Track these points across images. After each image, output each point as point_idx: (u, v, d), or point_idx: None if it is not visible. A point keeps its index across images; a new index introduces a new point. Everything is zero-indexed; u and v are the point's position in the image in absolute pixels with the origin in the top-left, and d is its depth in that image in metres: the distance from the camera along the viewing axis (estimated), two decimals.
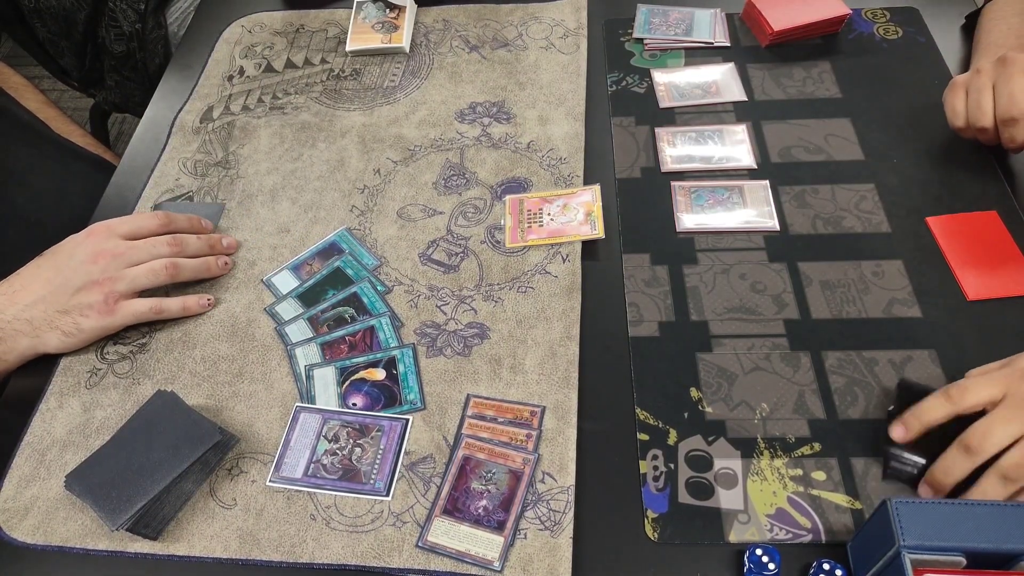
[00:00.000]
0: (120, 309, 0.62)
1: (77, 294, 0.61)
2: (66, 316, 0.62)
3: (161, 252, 0.65)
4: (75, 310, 0.62)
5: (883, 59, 0.81)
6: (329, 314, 0.65)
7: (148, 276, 0.63)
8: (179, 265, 0.65)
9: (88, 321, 0.62)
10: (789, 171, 0.72)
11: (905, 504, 0.44)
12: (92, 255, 0.63)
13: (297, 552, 0.53)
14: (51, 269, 0.63)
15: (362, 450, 0.57)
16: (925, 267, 0.64)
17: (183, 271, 0.65)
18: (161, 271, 0.64)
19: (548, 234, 0.68)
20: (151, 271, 0.64)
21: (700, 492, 0.54)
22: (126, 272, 0.63)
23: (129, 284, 0.63)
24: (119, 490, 0.52)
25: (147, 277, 0.63)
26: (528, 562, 0.51)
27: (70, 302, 0.61)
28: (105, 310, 0.62)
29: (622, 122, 0.78)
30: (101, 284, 0.62)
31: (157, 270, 0.64)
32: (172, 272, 0.64)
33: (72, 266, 0.62)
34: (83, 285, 0.62)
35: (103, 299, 0.62)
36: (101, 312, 0.62)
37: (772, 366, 0.60)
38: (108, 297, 0.62)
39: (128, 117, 2.03)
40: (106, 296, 0.62)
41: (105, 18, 1.22)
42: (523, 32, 0.88)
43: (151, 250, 0.65)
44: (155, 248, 0.65)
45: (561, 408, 0.58)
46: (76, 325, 0.62)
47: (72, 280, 0.62)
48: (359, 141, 0.79)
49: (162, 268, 0.64)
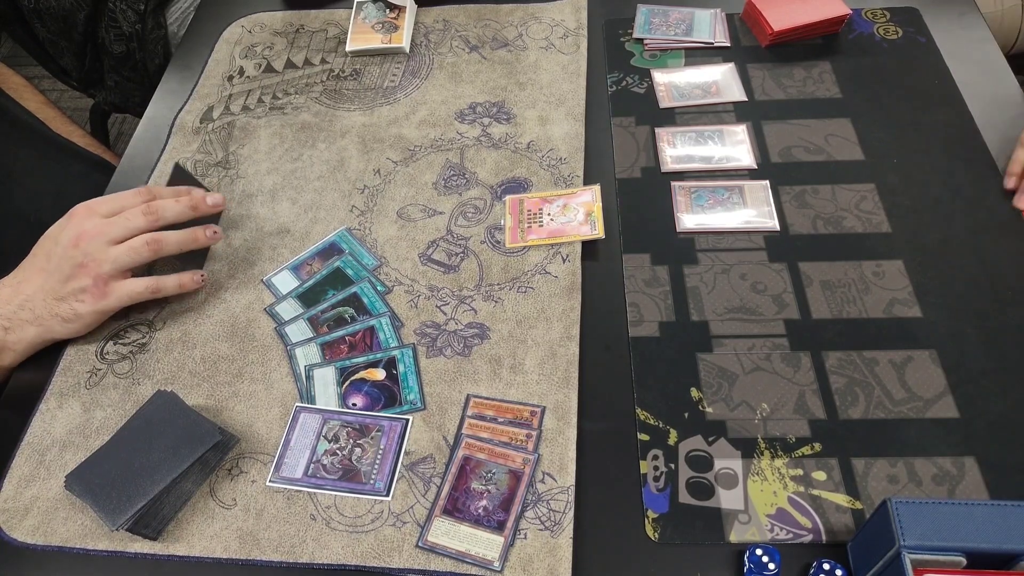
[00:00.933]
0: (114, 290, 0.62)
1: (69, 280, 0.61)
2: (63, 303, 0.61)
3: (137, 224, 0.62)
4: (70, 296, 0.61)
5: (883, 59, 0.81)
6: (329, 314, 0.65)
7: (130, 255, 0.61)
8: (160, 240, 0.63)
9: (84, 306, 0.61)
10: (789, 171, 0.72)
11: (905, 504, 0.44)
12: (74, 238, 0.61)
13: (297, 552, 0.53)
14: (43, 257, 0.62)
15: (362, 450, 0.57)
16: (925, 267, 0.64)
17: (166, 245, 0.63)
18: (143, 248, 0.62)
19: (548, 234, 0.68)
20: (131, 249, 0.61)
21: (700, 492, 0.54)
22: (108, 252, 0.61)
23: (112, 264, 0.61)
24: (119, 490, 0.52)
25: (129, 255, 0.61)
26: (528, 562, 0.51)
27: (64, 289, 0.61)
28: (98, 293, 0.61)
29: (622, 122, 0.78)
30: (87, 267, 0.61)
31: (138, 248, 0.62)
32: (154, 248, 0.62)
33: (59, 252, 0.61)
34: (71, 270, 0.61)
35: (92, 282, 0.61)
36: (95, 295, 0.61)
37: (772, 366, 0.60)
38: (97, 280, 0.61)
39: (128, 117, 2.03)
40: (95, 279, 0.61)
41: (105, 18, 1.22)
42: (523, 32, 0.88)
43: (127, 224, 0.62)
44: (130, 221, 0.62)
45: (561, 408, 0.58)
46: (73, 311, 0.61)
47: (61, 266, 0.61)
48: (359, 141, 0.79)
49: (143, 245, 0.62)
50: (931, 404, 0.57)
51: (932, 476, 0.53)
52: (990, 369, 0.58)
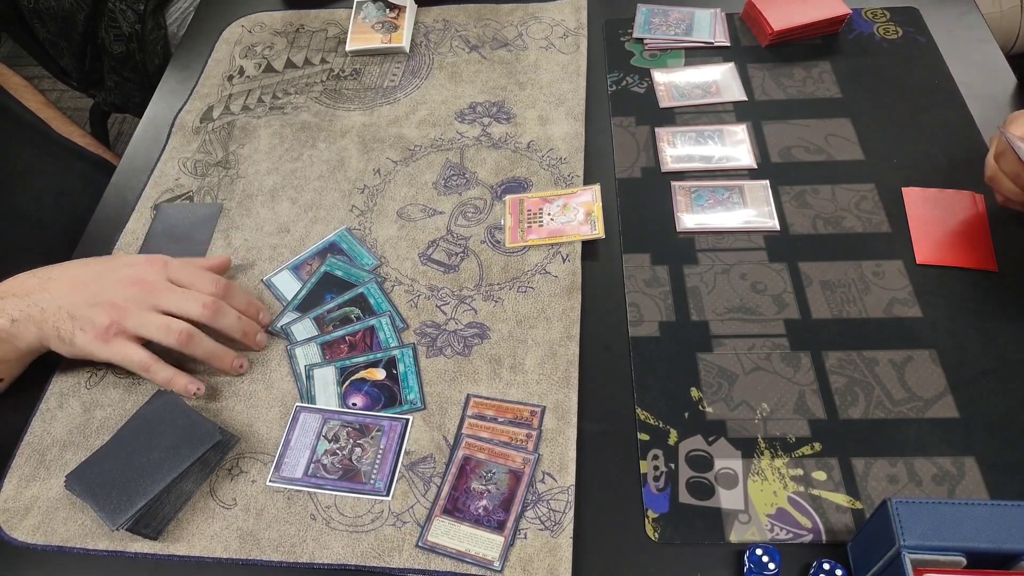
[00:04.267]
0: (115, 344, 0.58)
1: (91, 307, 0.59)
2: (71, 322, 0.59)
3: (191, 311, 0.60)
4: (80, 320, 0.58)
5: (883, 59, 0.81)
6: (335, 314, 0.65)
7: (160, 331, 0.58)
8: (194, 338, 0.59)
9: (83, 337, 0.58)
10: (789, 171, 0.72)
11: (905, 504, 0.44)
12: (131, 279, 0.60)
13: (297, 552, 0.53)
14: (91, 273, 0.61)
15: (362, 450, 0.57)
16: (925, 266, 0.64)
17: (195, 347, 0.59)
18: (173, 334, 0.58)
19: (548, 234, 0.68)
20: (165, 327, 0.58)
21: (701, 492, 0.54)
22: (143, 313, 0.59)
23: (136, 326, 0.58)
24: (119, 490, 0.52)
25: (158, 331, 0.58)
26: (528, 562, 0.51)
27: (81, 311, 0.59)
28: (102, 336, 0.58)
29: (622, 122, 0.78)
30: (116, 309, 0.58)
31: (171, 330, 0.58)
32: (183, 340, 0.59)
33: (108, 280, 0.60)
34: (101, 301, 0.59)
35: (108, 324, 0.58)
36: (98, 336, 0.58)
37: (772, 366, 0.60)
38: (112, 325, 0.58)
39: (128, 117, 2.03)
40: (112, 323, 0.58)
41: (105, 19, 1.22)
42: (523, 32, 0.88)
43: (182, 303, 0.60)
44: (188, 303, 0.60)
45: (561, 408, 0.58)
46: (71, 335, 0.58)
47: (99, 293, 0.59)
48: (359, 141, 0.79)
49: (176, 332, 0.58)
50: (931, 404, 0.57)
51: (932, 476, 0.53)
52: (990, 369, 0.58)
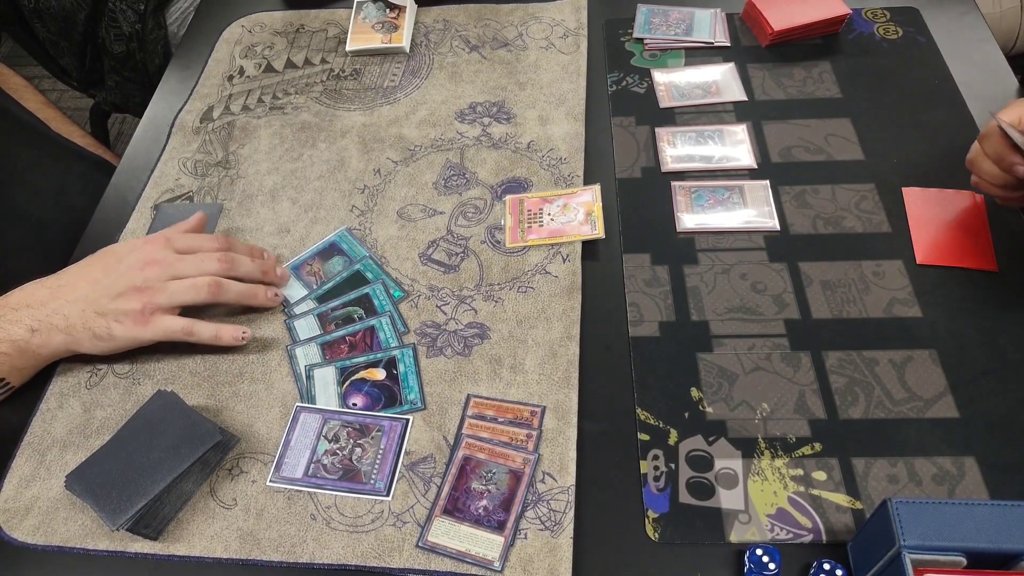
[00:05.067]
0: (154, 322, 0.60)
1: (118, 298, 0.59)
2: (102, 319, 0.59)
3: (209, 268, 0.62)
4: (111, 314, 0.59)
5: (883, 59, 0.81)
6: (339, 312, 0.65)
7: (189, 292, 0.60)
8: (223, 285, 0.61)
9: (121, 328, 0.59)
10: (789, 171, 0.72)
11: (905, 504, 0.44)
12: (142, 262, 0.61)
13: (297, 552, 0.53)
14: (100, 270, 0.61)
15: (362, 450, 0.57)
16: (925, 266, 0.64)
17: (227, 292, 0.62)
18: (203, 288, 0.61)
19: (548, 234, 0.68)
20: (193, 286, 0.60)
21: (701, 492, 0.54)
22: (168, 284, 0.60)
23: (169, 298, 0.60)
24: (119, 490, 0.52)
25: (188, 292, 0.60)
26: (528, 562, 0.51)
27: (109, 305, 0.59)
28: (140, 320, 0.59)
29: (622, 122, 0.78)
30: (142, 292, 0.60)
31: (200, 286, 0.61)
32: (214, 291, 0.61)
33: (121, 270, 0.61)
34: (125, 290, 0.60)
35: (140, 308, 0.59)
36: (135, 321, 0.59)
37: (773, 366, 0.60)
38: (146, 307, 0.59)
39: (128, 117, 2.03)
40: (144, 305, 0.59)
41: (105, 18, 1.22)
42: (523, 32, 0.88)
43: (200, 264, 0.62)
44: (203, 263, 0.62)
45: (561, 408, 0.58)
46: (108, 330, 0.59)
47: (117, 283, 0.60)
48: (359, 141, 0.79)
49: (204, 285, 0.61)
50: (931, 404, 0.57)
51: (932, 476, 0.53)
52: (990, 369, 0.58)
